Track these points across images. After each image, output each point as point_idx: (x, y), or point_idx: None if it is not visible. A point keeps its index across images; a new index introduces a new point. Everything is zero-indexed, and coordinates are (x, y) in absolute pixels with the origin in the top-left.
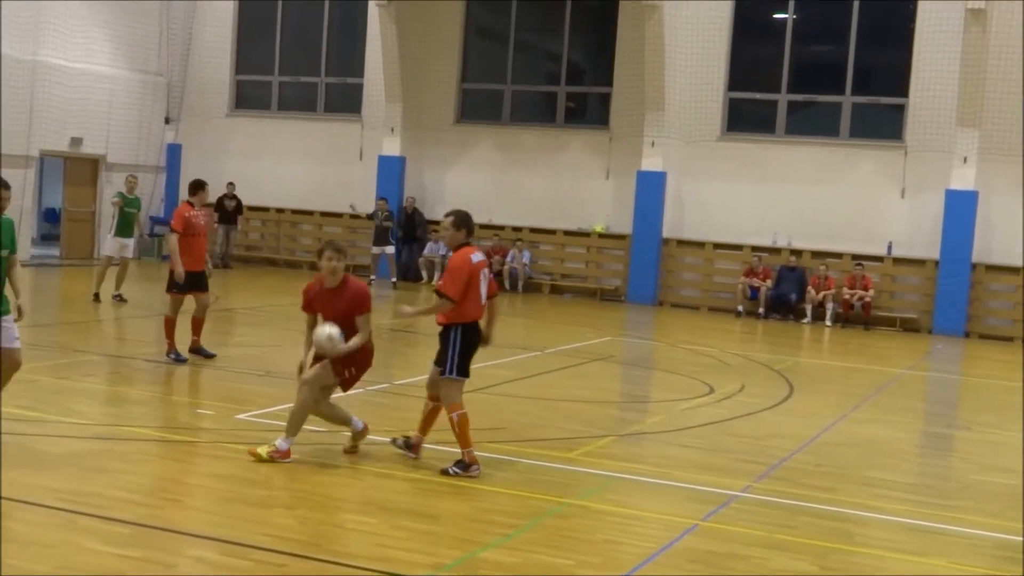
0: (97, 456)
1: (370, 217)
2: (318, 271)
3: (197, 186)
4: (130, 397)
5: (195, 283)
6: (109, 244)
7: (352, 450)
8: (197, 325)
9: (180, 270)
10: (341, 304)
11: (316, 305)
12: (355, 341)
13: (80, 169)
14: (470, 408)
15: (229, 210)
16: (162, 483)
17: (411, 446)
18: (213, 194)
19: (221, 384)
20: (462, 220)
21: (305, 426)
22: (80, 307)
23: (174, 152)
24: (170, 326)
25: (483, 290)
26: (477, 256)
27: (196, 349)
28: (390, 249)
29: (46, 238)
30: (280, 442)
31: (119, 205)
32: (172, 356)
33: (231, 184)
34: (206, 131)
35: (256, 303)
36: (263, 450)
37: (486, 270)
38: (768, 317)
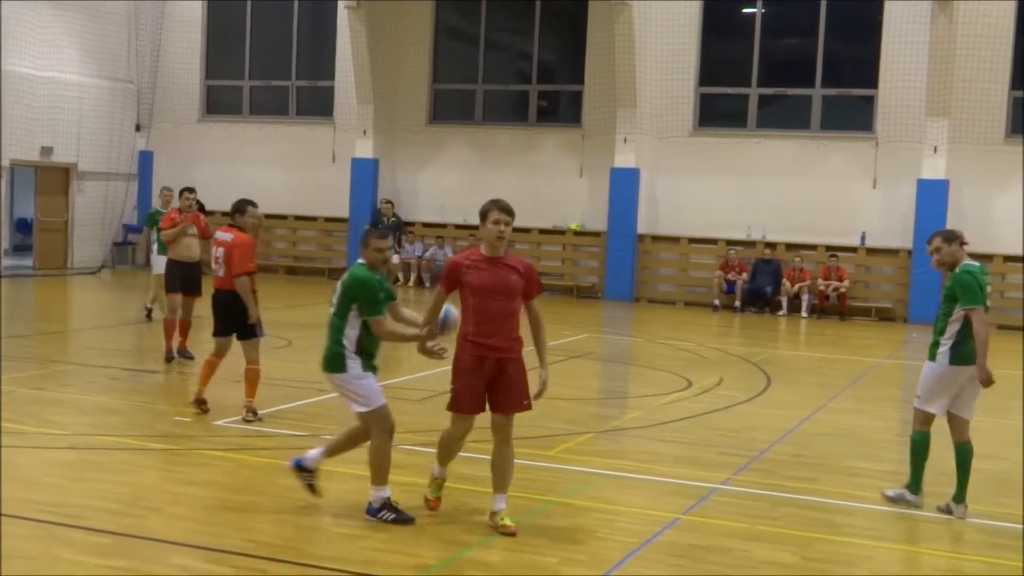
0: (75, 466)
1: (374, 224)
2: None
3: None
4: (107, 406)
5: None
6: (157, 263)
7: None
8: (184, 328)
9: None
10: (506, 279)
11: (471, 279)
12: (542, 335)
13: (51, 178)
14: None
15: None
16: (142, 492)
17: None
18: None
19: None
20: (233, 207)
21: (282, 430)
22: (55, 317)
23: (146, 159)
24: (169, 327)
25: (221, 265)
26: (220, 235)
27: (181, 351)
28: (395, 259)
29: (19, 249)
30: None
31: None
32: (179, 355)
33: (191, 189)
34: (177, 137)
35: None
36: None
37: (223, 249)
38: (744, 310)
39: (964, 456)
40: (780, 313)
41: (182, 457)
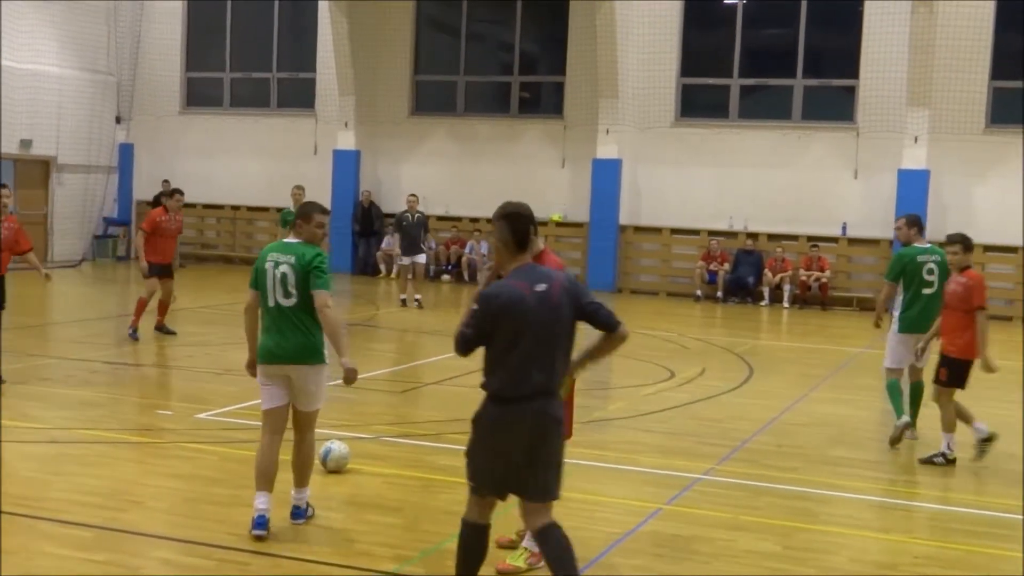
0: (55, 460)
1: (401, 223)
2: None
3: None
4: (87, 400)
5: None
6: None
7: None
8: (163, 307)
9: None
10: None
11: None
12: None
13: (31, 171)
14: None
15: None
16: (123, 485)
17: None
18: (150, 192)
19: (179, 384)
20: None
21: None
22: (35, 311)
23: (126, 152)
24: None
25: None
26: None
27: (159, 327)
28: (421, 259)
29: None
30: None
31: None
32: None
33: (166, 182)
34: (158, 130)
35: (212, 301)
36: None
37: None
38: (726, 301)
39: (916, 393)
40: (762, 303)
41: (163, 450)
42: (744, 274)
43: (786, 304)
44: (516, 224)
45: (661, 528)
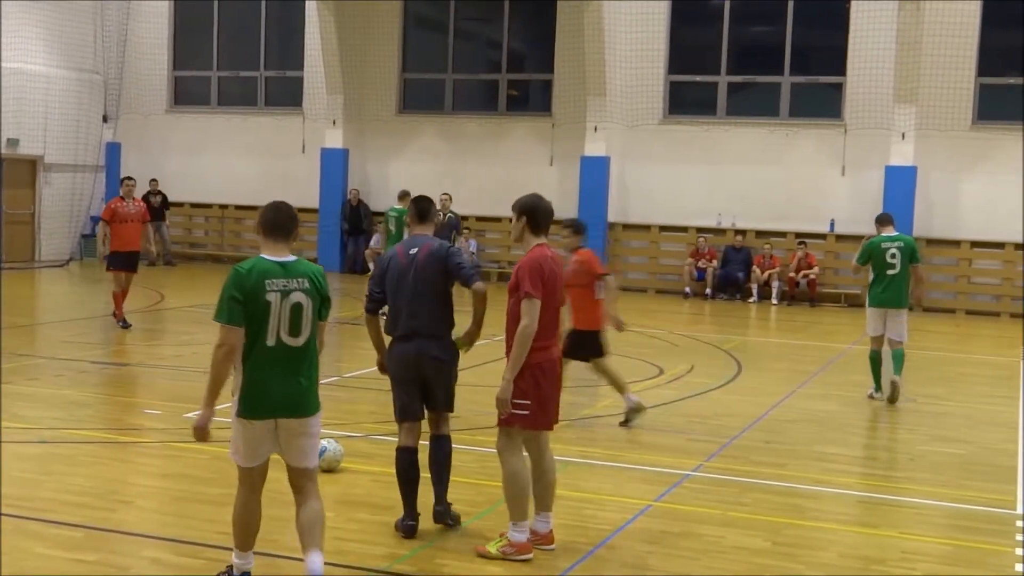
0: (44, 460)
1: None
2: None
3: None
4: (76, 400)
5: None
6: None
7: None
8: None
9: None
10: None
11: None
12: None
13: (17, 170)
14: None
15: (155, 206)
16: (112, 485)
17: None
18: (137, 191)
19: (167, 384)
20: None
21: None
22: (23, 310)
23: (113, 151)
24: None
25: None
26: None
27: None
28: None
29: None
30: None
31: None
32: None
33: (154, 180)
34: (145, 128)
35: (200, 300)
36: (493, 547)
37: None
38: (715, 297)
39: (898, 357)
40: (750, 300)
41: (152, 450)
42: (733, 271)
43: (774, 301)
44: (417, 204)
45: (650, 525)
